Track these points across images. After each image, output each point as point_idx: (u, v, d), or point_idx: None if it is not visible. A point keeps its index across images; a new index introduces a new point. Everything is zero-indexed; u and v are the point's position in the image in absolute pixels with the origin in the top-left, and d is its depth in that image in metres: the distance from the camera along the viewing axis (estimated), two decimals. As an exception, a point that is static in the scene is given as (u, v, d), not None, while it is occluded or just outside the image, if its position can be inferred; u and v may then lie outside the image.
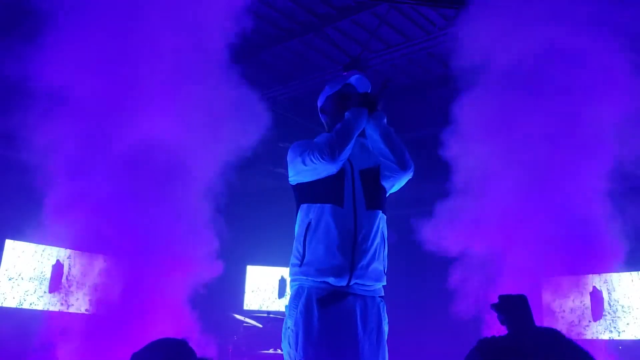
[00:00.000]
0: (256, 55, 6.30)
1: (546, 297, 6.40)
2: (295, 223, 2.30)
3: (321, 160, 2.15)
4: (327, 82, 2.50)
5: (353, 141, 2.22)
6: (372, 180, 2.28)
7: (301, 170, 2.24)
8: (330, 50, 6.33)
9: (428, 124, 6.69)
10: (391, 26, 5.87)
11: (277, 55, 6.49)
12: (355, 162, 2.30)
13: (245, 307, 8.04)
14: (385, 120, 2.35)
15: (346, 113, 2.28)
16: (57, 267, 5.57)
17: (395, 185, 2.36)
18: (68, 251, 5.56)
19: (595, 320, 5.84)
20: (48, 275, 5.51)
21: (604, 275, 5.80)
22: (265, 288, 8.39)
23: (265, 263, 8.37)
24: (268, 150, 6.60)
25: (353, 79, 2.42)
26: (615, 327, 5.62)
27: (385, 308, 2.24)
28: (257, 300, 8.27)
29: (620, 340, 5.61)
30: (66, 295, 5.54)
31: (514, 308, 3.11)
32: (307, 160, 2.19)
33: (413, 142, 5.04)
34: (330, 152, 2.15)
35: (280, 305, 8.14)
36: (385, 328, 2.21)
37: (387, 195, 2.36)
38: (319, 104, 2.47)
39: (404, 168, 2.29)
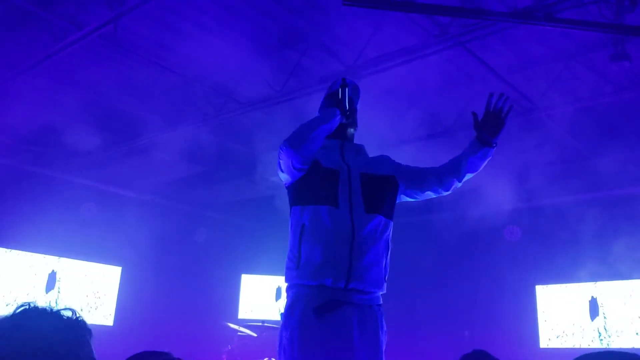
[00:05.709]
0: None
1: (540, 305, 6.37)
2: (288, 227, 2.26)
3: (286, 148, 2.12)
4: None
5: (317, 134, 2.14)
6: (375, 185, 2.23)
7: (282, 168, 2.22)
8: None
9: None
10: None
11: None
12: (353, 164, 2.25)
13: (240, 316, 7.98)
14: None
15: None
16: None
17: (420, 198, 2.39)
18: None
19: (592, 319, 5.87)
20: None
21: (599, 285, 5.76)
22: (260, 297, 8.34)
23: (260, 272, 8.32)
24: (262, 158, 6.57)
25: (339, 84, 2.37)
26: (608, 345, 5.64)
27: (383, 317, 2.18)
28: (251, 309, 8.22)
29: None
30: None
31: None
32: (280, 154, 2.17)
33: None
34: (290, 142, 2.12)
35: (275, 314, 8.09)
36: (383, 337, 2.15)
37: (394, 204, 2.30)
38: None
39: (448, 190, 2.35)
